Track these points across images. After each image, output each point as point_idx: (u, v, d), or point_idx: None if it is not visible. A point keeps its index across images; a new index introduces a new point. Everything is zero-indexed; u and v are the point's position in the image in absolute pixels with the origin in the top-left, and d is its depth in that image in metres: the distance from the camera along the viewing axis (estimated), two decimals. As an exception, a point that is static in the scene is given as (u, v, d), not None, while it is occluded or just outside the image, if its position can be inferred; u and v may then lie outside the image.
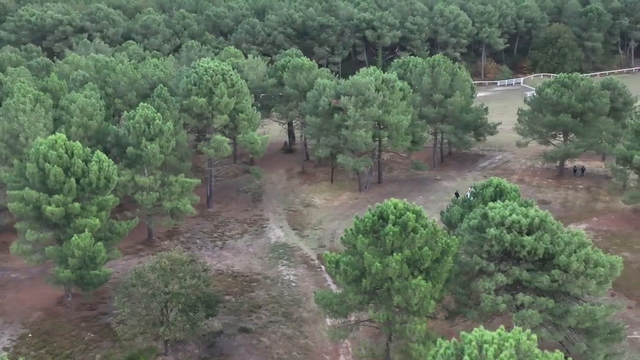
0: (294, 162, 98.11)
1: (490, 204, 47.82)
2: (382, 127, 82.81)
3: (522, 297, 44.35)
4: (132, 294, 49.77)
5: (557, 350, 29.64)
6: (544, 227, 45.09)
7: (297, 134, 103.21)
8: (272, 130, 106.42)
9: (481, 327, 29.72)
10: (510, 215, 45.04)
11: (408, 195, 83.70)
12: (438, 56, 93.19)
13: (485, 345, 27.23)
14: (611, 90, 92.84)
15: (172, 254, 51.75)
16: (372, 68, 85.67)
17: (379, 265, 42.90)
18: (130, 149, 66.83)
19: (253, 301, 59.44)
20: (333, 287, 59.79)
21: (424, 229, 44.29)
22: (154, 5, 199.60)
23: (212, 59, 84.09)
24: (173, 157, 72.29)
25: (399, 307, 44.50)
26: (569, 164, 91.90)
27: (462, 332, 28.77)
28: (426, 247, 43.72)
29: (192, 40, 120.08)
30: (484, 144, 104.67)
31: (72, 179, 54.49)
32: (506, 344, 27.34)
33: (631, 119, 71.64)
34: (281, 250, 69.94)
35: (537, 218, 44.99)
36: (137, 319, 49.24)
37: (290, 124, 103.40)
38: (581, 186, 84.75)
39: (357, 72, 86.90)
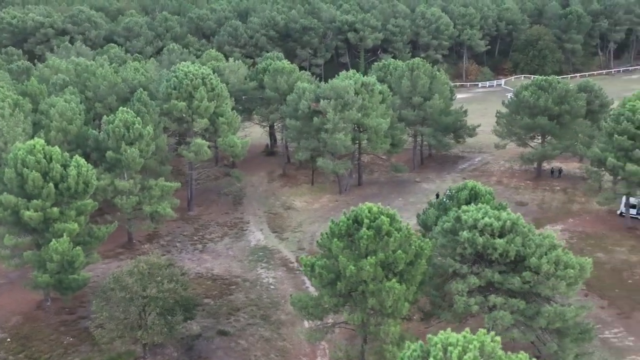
0: (276, 165, 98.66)
1: (464, 207, 48.67)
2: (361, 130, 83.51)
3: (494, 299, 45.23)
4: (110, 298, 50.14)
5: (522, 352, 30.42)
6: (515, 230, 46.00)
7: (278, 136, 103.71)
8: (254, 133, 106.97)
9: (448, 329, 30.47)
10: (483, 218, 45.90)
11: (388, 197, 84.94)
12: (417, 60, 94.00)
13: (450, 348, 27.96)
14: (588, 92, 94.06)
15: (150, 258, 52.17)
16: (351, 72, 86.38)
17: (353, 268, 43.59)
18: (109, 153, 67.12)
19: (232, 304, 59.95)
20: (311, 289, 60.32)
21: (398, 233, 45.02)
22: (137, 8, 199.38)
23: (193, 63, 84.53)
24: (153, 161, 72.65)
25: (374, 310, 45.20)
26: (546, 165, 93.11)
27: (428, 335, 29.49)
28: (400, 251, 44.42)
29: (174, 44, 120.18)
30: (464, 146, 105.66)
31: (51, 184, 54.78)
32: (470, 346, 28.07)
33: (605, 122, 72.66)
34: (261, 253, 70.48)
35: (508, 221, 45.91)
36: (115, 322, 49.64)
37: (271, 127, 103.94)
38: (558, 187, 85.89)
39: (337, 74, 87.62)
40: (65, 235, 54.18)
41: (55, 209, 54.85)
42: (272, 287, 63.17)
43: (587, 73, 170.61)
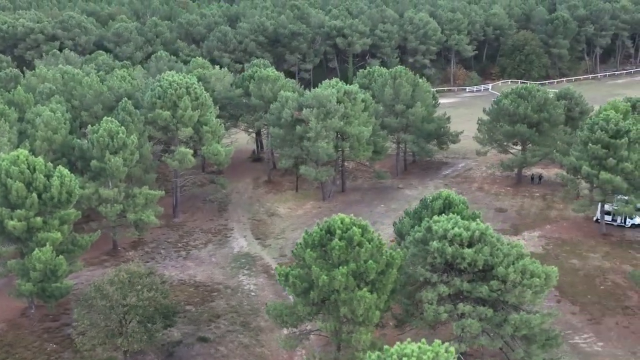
0: (261, 171, 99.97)
1: (435, 217, 50.10)
2: (343, 137, 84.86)
3: (462, 307, 46.63)
4: (92, 307, 51.37)
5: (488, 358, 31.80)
6: (484, 240, 47.41)
7: (265, 143, 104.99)
8: (241, 139, 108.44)
9: (408, 339, 31.90)
10: (453, 228, 47.34)
11: (370, 204, 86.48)
12: (400, 68, 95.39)
13: (405, 358, 29.34)
14: (568, 99, 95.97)
15: (130, 267, 53.46)
16: (334, 80, 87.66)
17: (325, 278, 45.00)
18: (94, 162, 68.34)
19: (213, 311, 61.23)
20: (291, 296, 61.61)
21: (369, 243, 46.44)
22: (128, 12, 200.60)
23: (178, 72, 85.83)
24: (138, 169, 73.89)
25: (346, 318, 46.59)
26: (527, 171, 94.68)
27: (385, 346, 30.87)
28: (371, 261, 45.84)
29: (162, 51, 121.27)
30: (449, 151, 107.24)
31: (34, 194, 55.98)
32: (424, 356, 29.47)
33: (581, 131, 74.21)
34: (243, 260, 71.79)
35: (477, 231, 47.33)
36: (97, 330, 50.88)
37: (258, 133, 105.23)
38: (537, 194, 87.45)
39: (326, 79, 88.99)
40: (48, 245, 55.39)
41: (38, 219, 56.07)
42: (252, 293, 64.50)
43: (573, 77, 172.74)
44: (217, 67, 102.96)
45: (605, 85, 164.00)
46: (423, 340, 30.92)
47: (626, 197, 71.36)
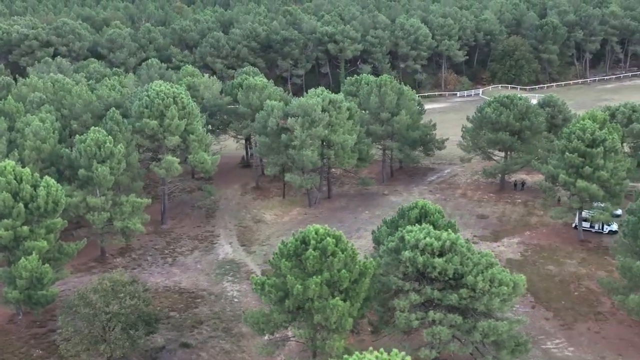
0: (250, 177, 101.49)
1: (408, 227, 51.63)
2: (329, 145, 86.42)
3: (433, 314, 48.25)
4: (76, 314, 52.94)
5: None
6: (454, 250, 48.94)
7: (254, 149, 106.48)
8: (232, 146, 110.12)
9: (370, 348, 33.42)
10: (425, 238, 48.89)
11: (355, 210, 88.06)
12: (385, 76, 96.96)
13: (362, 367, 30.91)
14: (551, 107, 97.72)
15: (113, 275, 55.09)
16: (320, 89, 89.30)
17: (300, 287, 46.65)
18: (81, 171, 69.94)
19: (196, 317, 62.79)
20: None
21: (343, 253, 48.14)
22: (124, 17, 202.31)
23: (167, 81, 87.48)
24: (125, 177, 75.47)
25: (320, 325, 48.18)
26: (512, 178, 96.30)
27: (345, 355, 32.42)
28: (344, 270, 47.50)
29: (153, 59, 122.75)
30: (436, 157, 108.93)
31: (21, 204, 57.61)
32: (380, 365, 31.03)
33: (559, 140, 75.84)
34: (228, 267, 73.34)
35: (448, 241, 48.86)
36: (80, 337, 52.48)
37: (247, 140, 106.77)
38: (519, 200, 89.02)
39: (315, 86, 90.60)
40: (34, 253, 56.99)
41: (25, 228, 57.73)
42: (235, 300, 66.06)
43: (563, 82, 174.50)
44: (206, 75, 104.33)
45: (594, 90, 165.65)
46: (381, 350, 32.43)
47: (602, 205, 73.00)
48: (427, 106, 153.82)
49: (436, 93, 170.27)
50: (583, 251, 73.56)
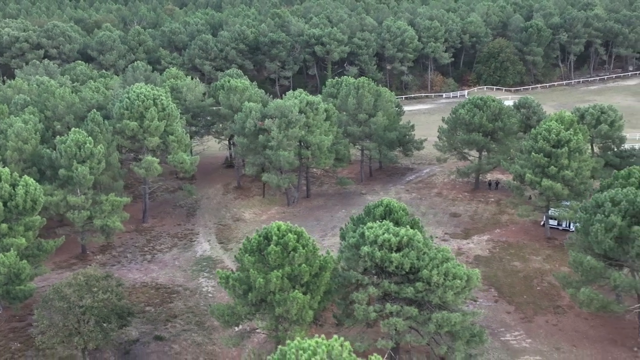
0: (232, 177, 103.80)
1: (369, 224, 53.88)
2: (306, 146, 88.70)
3: (390, 307, 50.50)
4: (51, 307, 55.15)
5: (375, 354, 35.55)
6: (411, 245, 51.16)
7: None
8: (216, 146, 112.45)
9: (316, 336, 35.66)
10: (383, 234, 51.17)
11: (332, 209, 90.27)
12: (363, 78, 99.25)
13: (300, 352, 33.18)
14: (526, 108, 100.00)
15: (87, 270, 57.35)
16: (298, 91, 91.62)
17: (262, 280, 48.89)
18: (62, 171, 72.14)
19: (170, 311, 65.02)
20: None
21: (304, 248, 50.35)
22: (116, 19, 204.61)
23: (148, 84, 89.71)
24: (106, 177, 77.71)
25: (282, 317, 50.44)
26: (488, 177, 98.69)
27: (288, 340, 34.70)
28: (304, 264, 49.74)
29: (139, 61, 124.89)
30: (415, 158, 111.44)
31: (0, 202, 59.72)
32: (319, 350, 33.30)
33: (526, 141, 78.15)
34: (204, 263, 75.57)
35: (405, 237, 51.08)
36: (55, 330, 54.60)
37: (230, 141, 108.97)
38: (492, 199, 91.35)
39: (305, 86, 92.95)
40: (12, 249, 59.13)
41: (4, 225, 59.81)
42: (210, 295, 68.29)
43: (547, 84, 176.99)
44: (189, 77, 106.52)
45: (578, 92, 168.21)
46: (323, 336, 34.70)
47: (568, 203, 75.33)
48: (413, 107, 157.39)
49: (422, 94, 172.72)
50: (549, 248, 75.86)
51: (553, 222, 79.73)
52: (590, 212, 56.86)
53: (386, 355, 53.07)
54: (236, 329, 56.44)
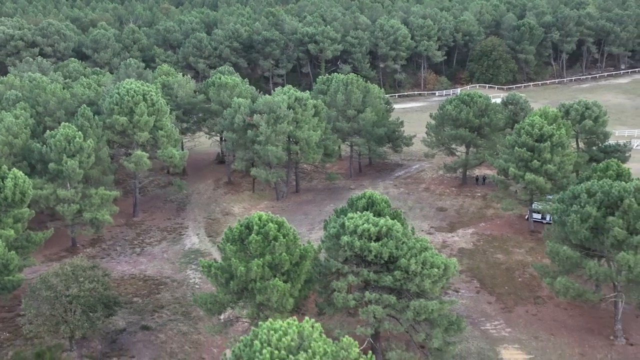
0: (224, 173, 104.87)
1: (349, 214, 55.02)
2: (295, 141, 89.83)
3: (369, 295, 51.62)
4: (38, 297, 56.22)
5: (347, 336, 36.63)
6: (390, 235, 52.25)
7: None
8: (208, 143, 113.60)
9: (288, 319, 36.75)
10: (363, 224, 52.28)
11: (320, 204, 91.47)
12: (352, 75, 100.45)
13: (272, 332, 34.31)
14: (514, 105, 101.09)
15: (74, 260, 58.40)
16: (287, 87, 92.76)
17: (243, 269, 49.99)
18: (52, 165, 73.25)
19: (158, 302, 66.11)
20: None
21: (284, 238, 51.46)
22: (112, 18, 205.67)
23: (139, 80, 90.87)
24: (96, 171, 78.77)
25: (263, 305, 51.54)
26: (476, 172, 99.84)
27: (260, 322, 35.83)
28: (285, 253, 50.85)
29: (131, 59, 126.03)
30: (406, 154, 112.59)
31: (-11, 195, 60.89)
32: (290, 330, 34.43)
33: (510, 136, 79.27)
34: (192, 256, 76.67)
35: (385, 227, 52.17)
36: (42, 319, 55.68)
37: (222, 137, 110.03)
38: (479, 194, 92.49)
39: (299, 84, 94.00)
40: (1, 241, 60.17)
41: (-7, 217, 61.06)
42: (197, 286, 69.39)
43: (540, 82, 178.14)
44: (180, 74, 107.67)
45: (570, 90, 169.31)
46: (294, 318, 35.84)
47: (551, 197, 76.40)
48: (406, 105, 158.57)
49: (415, 92, 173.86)
50: (532, 241, 76.97)
51: (537, 216, 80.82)
52: (566, 203, 58.01)
53: (365, 343, 54.16)
54: (220, 317, 57.49)
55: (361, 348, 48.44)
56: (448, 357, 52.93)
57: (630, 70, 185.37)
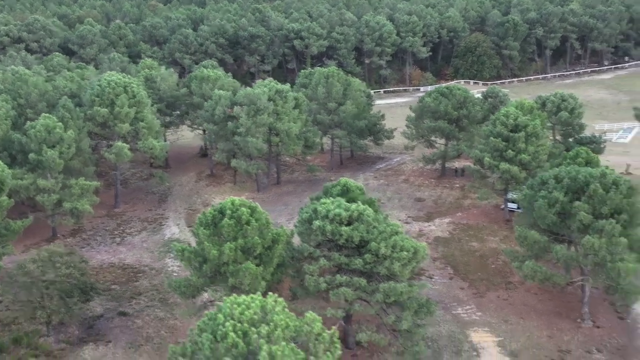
0: (206, 166, 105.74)
1: (323, 200, 56.09)
2: (276, 133, 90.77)
3: (339, 278, 52.67)
4: (15, 283, 57.02)
5: (310, 312, 37.63)
6: (361, 219, 53.31)
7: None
8: (192, 136, 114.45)
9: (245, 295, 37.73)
10: (335, 209, 53.32)
11: (301, 195, 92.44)
12: (332, 68, 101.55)
13: (235, 306, 35.30)
14: (493, 98, 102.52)
15: (51, 247, 59.24)
16: (267, 80, 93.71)
17: (215, 252, 50.92)
18: (32, 155, 73.93)
19: (136, 289, 66.97)
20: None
21: (257, 222, 52.44)
22: (99, 15, 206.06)
23: (121, 73, 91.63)
24: (77, 162, 79.42)
25: (235, 288, 52.44)
26: (456, 164, 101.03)
27: (224, 297, 36.79)
28: (257, 237, 51.83)
29: (115, 53, 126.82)
30: (388, 147, 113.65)
31: (-32, 183, 61.61)
32: (253, 304, 35.44)
33: (486, 126, 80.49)
34: (172, 245, 77.30)
35: (356, 212, 53.22)
36: (20, 305, 56.58)
37: (204, 130, 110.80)
38: (457, 185, 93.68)
39: (285, 80, 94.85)
40: (-21, 228, 61.09)
41: (-29, 205, 61.76)
42: (175, 274, 70.21)
43: (524, 78, 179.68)
44: (163, 67, 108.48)
45: (553, 85, 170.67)
46: (259, 294, 36.84)
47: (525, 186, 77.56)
48: (391, 100, 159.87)
49: (401, 88, 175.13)
50: (507, 229, 78.07)
51: (513, 205, 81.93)
52: (535, 190, 59.20)
53: (337, 325, 55.14)
54: (194, 301, 58.37)
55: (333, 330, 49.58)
56: (418, 339, 53.94)
57: (613, 66, 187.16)
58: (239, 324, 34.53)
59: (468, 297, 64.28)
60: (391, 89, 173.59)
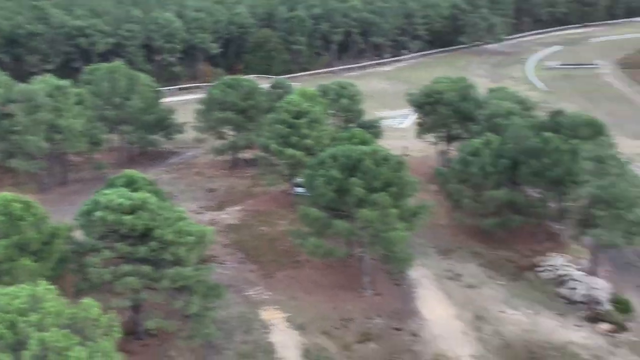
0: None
1: (104, 190, 55.14)
2: (57, 130, 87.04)
3: (124, 267, 52.10)
4: None
5: (87, 299, 37.05)
6: (144, 207, 53.04)
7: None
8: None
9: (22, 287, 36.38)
10: (117, 199, 52.57)
11: (89, 193, 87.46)
12: (117, 63, 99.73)
13: (1, 297, 33.96)
14: (280, 88, 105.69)
15: None
16: (47, 76, 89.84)
17: (-12, 251, 48.21)
18: None
19: None
20: None
21: (33, 217, 50.43)
22: None
23: None
24: None
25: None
26: (248, 154, 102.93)
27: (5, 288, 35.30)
28: (32, 232, 49.82)
29: None
30: (181, 142, 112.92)
31: None
32: (21, 294, 34.27)
33: (271, 115, 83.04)
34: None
35: (138, 200, 52.91)
36: None
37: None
38: (248, 174, 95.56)
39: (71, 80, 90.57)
40: None
41: None
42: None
43: (313, 72, 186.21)
44: None
45: (340, 77, 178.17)
46: (29, 284, 35.69)
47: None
48: (184, 97, 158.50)
49: (193, 85, 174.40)
50: (295, 213, 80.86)
51: (300, 189, 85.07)
52: (314, 169, 62.31)
53: (128, 317, 54.61)
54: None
55: (123, 321, 49.18)
56: (208, 322, 54.76)
57: (393, 59, 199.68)
58: (7, 315, 33.32)
59: (258, 279, 66.17)
60: (185, 86, 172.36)
